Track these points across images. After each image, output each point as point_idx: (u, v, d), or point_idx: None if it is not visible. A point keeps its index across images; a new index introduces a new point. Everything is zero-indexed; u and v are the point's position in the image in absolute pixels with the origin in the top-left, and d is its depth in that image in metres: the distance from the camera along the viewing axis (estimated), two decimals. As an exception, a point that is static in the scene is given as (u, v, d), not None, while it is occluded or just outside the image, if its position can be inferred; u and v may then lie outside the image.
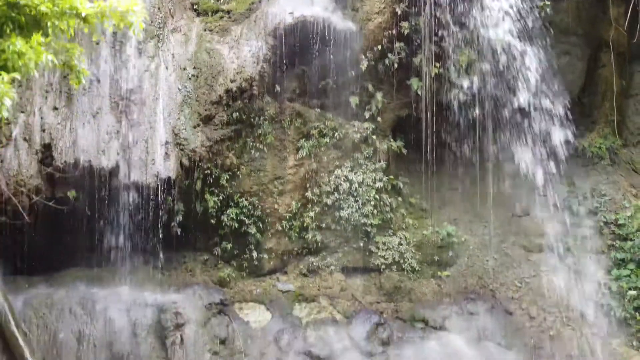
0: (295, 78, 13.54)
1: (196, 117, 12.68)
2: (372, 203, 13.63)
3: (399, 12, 13.20)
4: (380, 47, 13.37)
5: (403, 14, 13.24)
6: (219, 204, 13.03)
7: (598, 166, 14.43)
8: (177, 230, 12.69)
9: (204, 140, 12.67)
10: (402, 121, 14.14)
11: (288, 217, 13.50)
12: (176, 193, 12.59)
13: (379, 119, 13.85)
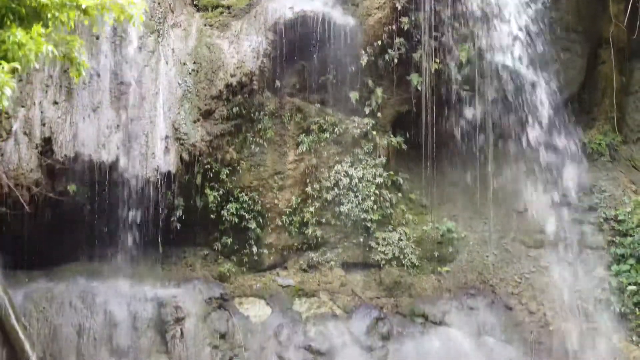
0: (295, 73, 13.56)
1: (196, 111, 12.70)
2: (372, 198, 13.63)
3: (399, 8, 13.21)
4: (380, 43, 13.38)
5: (403, 9, 13.25)
6: (219, 199, 13.03)
7: (598, 162, 14.41)
8: (177, 225, 12.70)
9: (204, 134, 12.68)
10: (402, 117, 14.12)
11: (288, 212, 13.50)
12: (176, 188, 12.60)
13: (379, 115, 13.85)
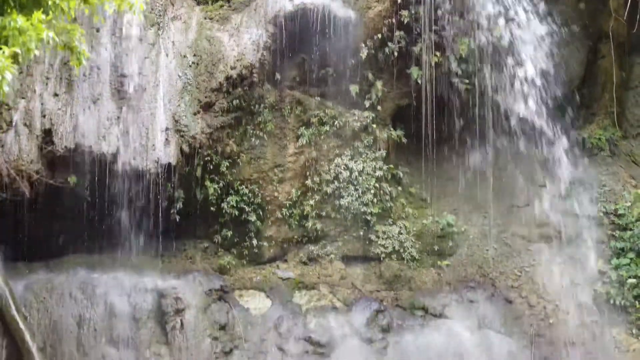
0: (295, 66, 13.55)
1: (196, 104, 12.71)
2: (372, 192, 13.63)
3: (399, 1, 13.19)
4: (380, 36, 13.37)
5: (403, 3, 13.23)
6: (219, 192, 13.04)
7: (598, 157, 14.39)
8: (177, 217, 12.71)
9: (204, 127, 12.68)
10: (402, 110, 14.11)
11: (288, 205, 13.50)
12: (176, 180, 12.60)
13: (379, 108, 13.84)
